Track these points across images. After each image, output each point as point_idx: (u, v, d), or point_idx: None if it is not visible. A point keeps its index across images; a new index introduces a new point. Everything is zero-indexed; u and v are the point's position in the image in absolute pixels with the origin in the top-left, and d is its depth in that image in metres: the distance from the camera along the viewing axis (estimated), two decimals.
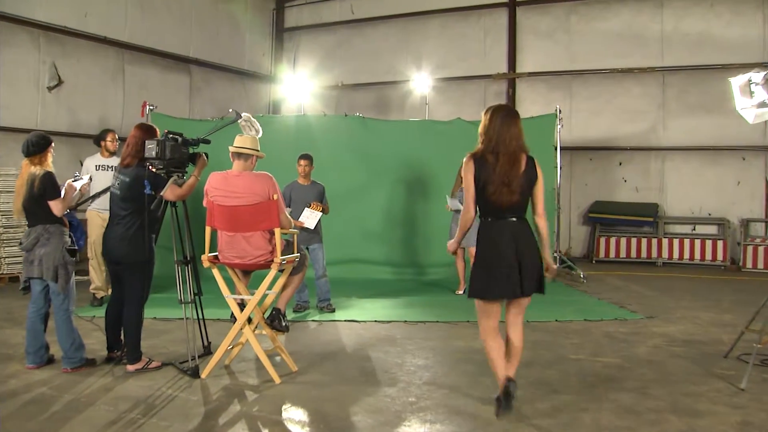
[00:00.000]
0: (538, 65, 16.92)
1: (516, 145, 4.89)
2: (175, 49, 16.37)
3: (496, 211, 4.84)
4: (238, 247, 5.47)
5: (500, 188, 4.73)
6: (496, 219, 4.88)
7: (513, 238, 4.84)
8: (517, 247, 4.85)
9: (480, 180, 4.78)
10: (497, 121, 5.00)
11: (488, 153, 4.86)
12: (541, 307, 9.23)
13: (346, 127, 12.29)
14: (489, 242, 4.89)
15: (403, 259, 12.17)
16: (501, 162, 4.76)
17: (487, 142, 4.93)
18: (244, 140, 5.61)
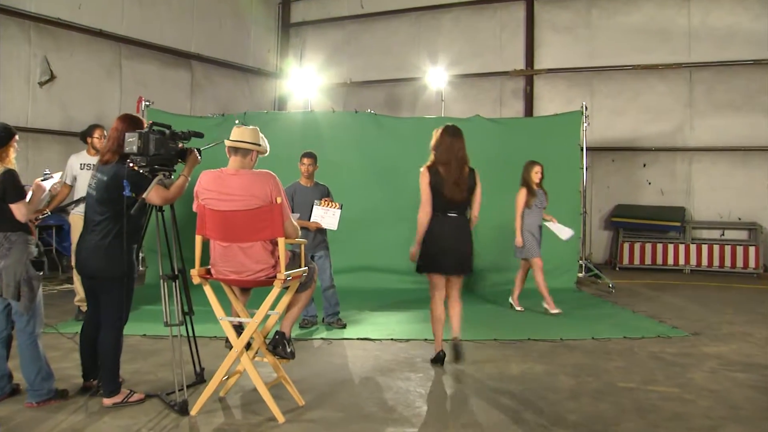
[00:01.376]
0: (557, 61, 16.12)
1: (462, 155, 6.31)
2: (176, 44, 15.62)
3: (446, 207, 6.19)
4: (235, 260, 4.61)
5: (453, 188, 6.13)
6: (444, 214, 6.21)
7: (456, 229, 6.24)
8: (458, 236, 6.24)
9: (434, 185, 6.16)
10: (447, 138, 6.36)
11: (440, 164, 6.22)
12: (574, 321, 8.44)
13: (357, 124, 11.42)
14: (438, 231, 6.18)
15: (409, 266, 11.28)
16: (453, 167, 6.17)
17: (439, 155, 6.28)
18: (243, 132, 4.73)
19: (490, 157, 11.21)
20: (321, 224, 7.69)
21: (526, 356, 6.64)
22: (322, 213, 7.73)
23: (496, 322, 8.47)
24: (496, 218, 11.28)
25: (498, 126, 11.75)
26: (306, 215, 7.68)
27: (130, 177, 4.66)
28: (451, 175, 6.12)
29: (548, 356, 6.66)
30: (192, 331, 5.33)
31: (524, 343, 7.24)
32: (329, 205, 7.75)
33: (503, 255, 11.40)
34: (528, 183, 9.24)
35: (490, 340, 7.29)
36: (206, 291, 4.69)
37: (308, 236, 7.60)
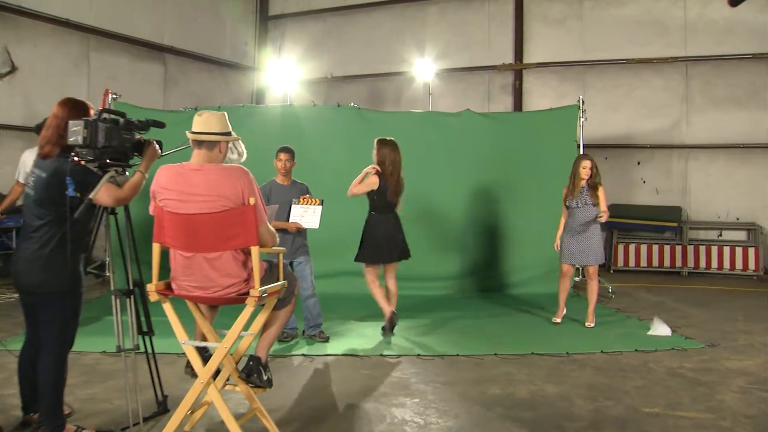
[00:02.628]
0: (547, 55, 15.42)
1: (400, 167, 7.63)
2: (148, 36, 14.79)
3: (387, 207, 7.55)
4: (199, 274, 3.86)
5: (392, 194, 7.54)
6: (386, 212, 7.58)
7: (394, 225, 7.59)
8: (395, 229, 7.59)
9: (381, 189, 7.47)
10: (390, 153, 7.65)
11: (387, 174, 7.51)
12: (577, 332, 7.78)
13: (340, 119, 10.67)
14: (380, 228, 7.53)
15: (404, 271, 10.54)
16: (395, 178, 7.57)
17: (386, 168, 7.52)
18: (207, 120, 3.97)
19: (481, 153, 10.57)
20: (301, 224, 6.95)
21: (533, 374, 5.93)
22: (301, 212, 6.98)
23: (493, 333, 7.77)
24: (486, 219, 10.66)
25: (489, 121, 11.07)
26: (283, 216, 6.94)
27: (75, 173, 3.88)
28: (392, 184, 7.51)
29: (557, 374, 5.96)
30: (153, 353, 4.56)
31: (527, 358, 6.53)
32: (309, 202, 7.00)
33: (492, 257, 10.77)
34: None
35: (489, 355, 6.57)
36: (166, 310, 3.93)
37: (286, 240, 6.87)
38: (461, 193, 10.71)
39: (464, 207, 10.73)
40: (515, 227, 10.77)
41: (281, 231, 6.94)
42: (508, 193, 10.75)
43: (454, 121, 10.87)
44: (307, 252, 7.25)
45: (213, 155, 3.96)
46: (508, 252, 10.77)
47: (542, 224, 10.60)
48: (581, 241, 8.29)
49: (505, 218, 10.77)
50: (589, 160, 8.51)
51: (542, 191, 10.64)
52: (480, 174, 10.71)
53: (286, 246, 6.83)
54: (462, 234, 10.76)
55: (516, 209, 10.75)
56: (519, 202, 10.75)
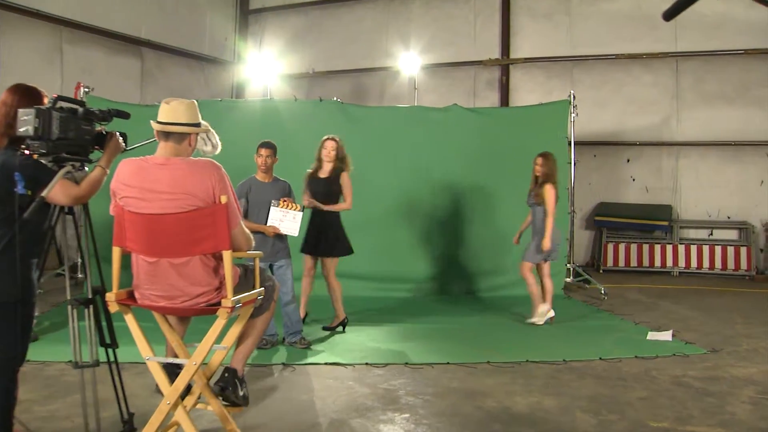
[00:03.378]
0: (535, 50, 15.06)
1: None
2: (125, 29, 14.26)
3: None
4: (164, 282, 3.45)
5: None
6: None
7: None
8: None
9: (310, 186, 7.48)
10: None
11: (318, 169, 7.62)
12: (572, 336, 7.43)
13: (322, 114, 10.22)
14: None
15: (387, 271, 10.17)
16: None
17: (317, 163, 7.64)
18: (176, 109, 3.56)
19: (468, 150, 10.19)
20: (279, 229, 6.55)
21: (530, 385, 5.55)
22: (280, 216, 6.57)
23: (484, 338, 7.40)
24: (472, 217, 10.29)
25: (477, 116, 10.70)
26: (263, 216, 6.54)
27: (25, 168, 3.44)
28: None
29: (555, 384, 5.58)
30: (117, 366, 4.11)
31: (522, 366, 6.15)
32: (289, 206, 6.58)
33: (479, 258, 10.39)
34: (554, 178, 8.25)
35: (482, 363, 6.17)
36: (128, 322, 3.52)
37: (266, 242, 6.47)
38: (447, 191, 10.31)
39: (450, 205, 10.33)
40: (502, 226, 10.37)
41: (258, 233, 6.54)
42: (495, 191, 10.39)
43: (440, 116, 10.49)
44: (288, 255, 6.84)
45: (181, 149, 3.56)
46: (495, 252, 10.37)
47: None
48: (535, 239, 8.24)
49: (492, 216, 10.40)
50: (539, 156, 8.29)
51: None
52: (467, 171, 10.34)
53: (266, 248, 6.46)
54: (447, 233, 10.38)
55: (503, 207, 10.37)
56: (507, 200, 10.35)
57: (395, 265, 10.16)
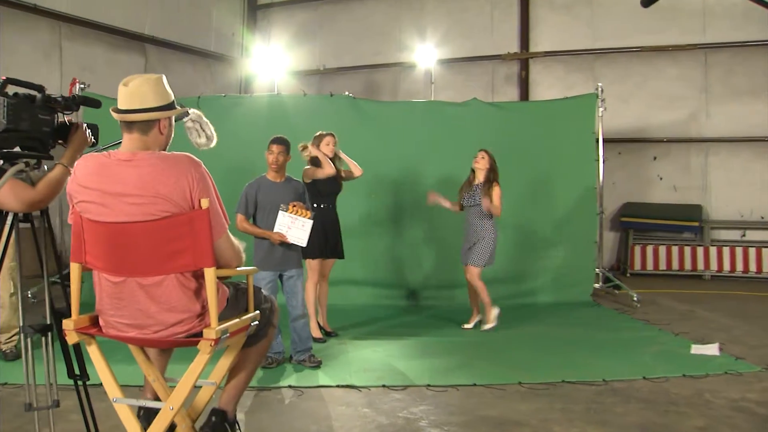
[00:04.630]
0: (555, 44, 14.37)
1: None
2: (127, 25, 13.69)
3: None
4: (133, 306, 2.81)
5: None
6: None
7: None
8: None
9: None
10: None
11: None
12: (610, 352, 6.71)
13: (332, 109, 9.58)
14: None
15: (399, 277, 9.54)
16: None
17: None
18: (137, 91, 2.92)
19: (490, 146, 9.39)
20: (286, 237, 5.88)
21: (570, 411, 4.87)
22: (288, 222, 5.89)
23: (511, 354, 6.72)
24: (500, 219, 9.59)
25: (498, 111, 10.02)
26: (271, 221, 5.89)
27: None
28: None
29: (598, 410, 4.89)
30: (89, 403, 3.46)
31: (558, 387, 5.46)
32: (298, 212, 5.92)
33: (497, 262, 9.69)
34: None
35: (513, 385, 5.49)
36: (91, 354, 2.87)
37: (275, 249, 5.87)
38: None
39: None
40: (523, 229, 9.73)
41: (262, 240, 5.90)
42: (517, 191, 9.69)
43: (459, 111, 9.82)
44: (300, 264, 6.19)
45: (149, 140, 2.92)
46: (518, 256, 9.70)
47: (553, 226, 9.65)
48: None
49: (513, 218, 9.70)
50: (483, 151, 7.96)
51: (555, 189, 9.76)
52: None
53: (275, 256, 5.84)
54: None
55: (526, 208, 9.72)
56: (529, 201, 9.74)
57: (409, 270, 9.51)
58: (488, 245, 7.62)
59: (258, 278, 5.84)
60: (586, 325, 8.01)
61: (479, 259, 7.63)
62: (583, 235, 9.85)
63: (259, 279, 5.81)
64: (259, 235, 5.94)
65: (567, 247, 9.74)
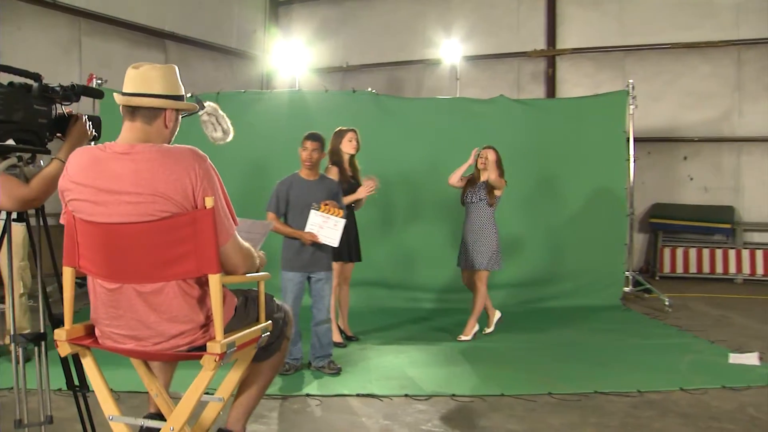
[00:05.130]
0: (582, 40, 14.00)
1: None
2: (147, 21, 13.49)
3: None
4: (130, 317, 2.56)
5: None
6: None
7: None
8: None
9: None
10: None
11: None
12: (643, 360, 6.40)
13: (354, 105, 9.31)
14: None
15: (421, 278, 9.25)
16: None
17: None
18: (145, 77, 2.67)
19: (515, 145, 9.12)
20: (318, 237, 5.60)
21: (604, 426, 4.56)
22: (320, 221, 5.59)
23: (540, 362, 6.41)
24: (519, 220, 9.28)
25: (526, 108, 9.69)
26: (305, 220, 5.63)
27: None
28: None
29: (635, 426, 4.58)
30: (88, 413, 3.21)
31: (591, 399, 5.16)
32: (330, 211, 5.64)
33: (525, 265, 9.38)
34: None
35: (543, 395, 5.20)
36: (86, 367, 2.62)
37: (304, 249, 5.64)
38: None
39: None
40: (551, 230, 9.42)
41: (293, 239, 5.64)
42: (545, 191, 9.42)
43: (485, 108, 9.51)
44: (329, 266, 5.89)
45: (152, 131, 2.65)
46: (542, 259, 9.38)
47: (581, 227, 9.32)
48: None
49: (540, 219, 9.42)
50: (491, 148, 7.44)
51: (584, 189, 9.48)
52: (513, 169, 9.26)
53: (304, 256, 5.60)
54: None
55: (554, 209, 9.43)
56: (557, 201, 9.44)
57: (431, 271, 9.22)
58: (493, 244, 7.19)
59: (285, 279, 5.68)
60: (616, 331, 7.69)
61: (487, 262, 7.19)
62: (613, 237, 9.52)
63: (286, 280, 5.65)
64: (289, 235, 5.67)
65: (596, 249, 9.41)
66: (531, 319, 8.29)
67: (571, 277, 9.36)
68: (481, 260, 7.16)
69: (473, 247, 7.20)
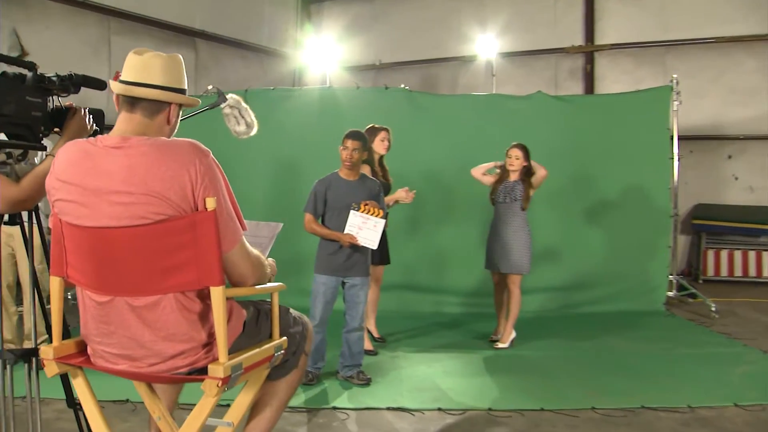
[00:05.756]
0: (622, 35, 13.53)
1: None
2: (177, 19, 13.31)
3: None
4: (123, 334, 2.27)
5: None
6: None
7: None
8: None
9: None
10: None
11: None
12: (692, 372, 6.00)
13: (386, 102, 9.00)
14: None
15: (458, 283, 8.91)
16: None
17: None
18: (148, 65, 2.39)
19: (554, 143, 8.78)
20: (357, 239, 5.27)
21: None
22: (359, 222, 5.27)
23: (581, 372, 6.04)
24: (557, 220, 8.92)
25: (565, 105, 9.29)
26: (344, 222, 5.33)
27: None
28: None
29: None
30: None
31: (638, 415, 4.79)
32: (371, 211, 5.32)
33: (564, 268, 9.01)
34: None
35: (585, 410, 4.85)
36: (77, 389, 2.34)
37: (340, 252, 5.36)
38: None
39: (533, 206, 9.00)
40: (590, 231, 9.03)
41: (330, 242, 5.35)
42: (585, 191, 9.04)
43: (522, 105, 9.13)
44: (366, 272, 5.55)
45: (153, 126, 2.37)
46: (581, 262, 8.99)
47: (623, 228, 8.95)
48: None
49: (579, 220, 9.03)
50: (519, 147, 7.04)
51: (625, 189, 9.07)
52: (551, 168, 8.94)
53: (339, 259, 5.30)
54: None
55: (593, 209, 9.05)
56: (597, 201, 9.05)
57: (462, 274, 8.88)
58: (526, 246, 6.83)
59: (317, 282, 5.41)
60: (661, 339, 7.27)
61: (522, 265, 6.83)
62: (656, 239, 9.12)
63: (319, 283, 5.38)
64: (327, 237, 5.38)
65: (638, 251, 9.01)
66: (569, 326, 7.91)
67: (611, 281, 8.96)
68: (514, 263, 6.80)
69: (505, 249, 6.83)
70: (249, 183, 8.46)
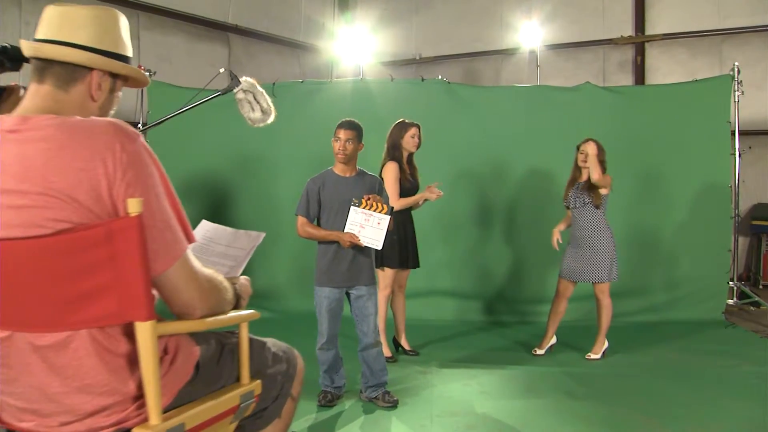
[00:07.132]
0: (674, 24, 12.80)
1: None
2: (209, 14, 12.97)
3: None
4: (26, 382, 1.71)
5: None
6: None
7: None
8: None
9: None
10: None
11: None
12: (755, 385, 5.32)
13: (423, 94, 8.43)
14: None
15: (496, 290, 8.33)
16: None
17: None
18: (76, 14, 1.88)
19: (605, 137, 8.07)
20: (358, 239, 4.66)
21: None
22: (361, 219, 4.64)
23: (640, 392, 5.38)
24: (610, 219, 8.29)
25: (615, 97, 8.61)
26: (340, 224, 4.74)
27: None
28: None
29: None
30: None
31: None
32: (374, 207, 4.72)
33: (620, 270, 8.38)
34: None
35: None
36: None
37: (341, 259, 4.75)
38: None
39: None
40: (641, 233, 8.37)
41: (328, 243, 4.77)
42: (640, 188, 8.39)
43: (569, 97, 8.49)
44: (372, 279, 4.92)
45: (68, 101, 1.82)
46: (632, 266, 8.30)
47: (677, 230, 8.35)
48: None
49: (630, 221, 8.37)
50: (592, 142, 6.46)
51: (680, 187, 8.40)
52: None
53: (340, 267, 4.70)
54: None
55: (645, 209, 8.40)
56: (648, 200, 8.39)
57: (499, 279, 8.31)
58: (608, 252, 6.25)
59: (318, 296, 4.77)
60: (723, 354, 6.56)
61: (609, 273, 6.31)
62: (714, 242, 8.41)
63: (320, 297, 4.75)
64: (324, 238, 4.76)
65: (694, 255, 8.33)
66: (622, 337, 7.23)
67: (666, 288, 8.31)
68: (601, 271, 6.27)
69: (587, 256, 6.26)
70: (278, 183, 8.28)
